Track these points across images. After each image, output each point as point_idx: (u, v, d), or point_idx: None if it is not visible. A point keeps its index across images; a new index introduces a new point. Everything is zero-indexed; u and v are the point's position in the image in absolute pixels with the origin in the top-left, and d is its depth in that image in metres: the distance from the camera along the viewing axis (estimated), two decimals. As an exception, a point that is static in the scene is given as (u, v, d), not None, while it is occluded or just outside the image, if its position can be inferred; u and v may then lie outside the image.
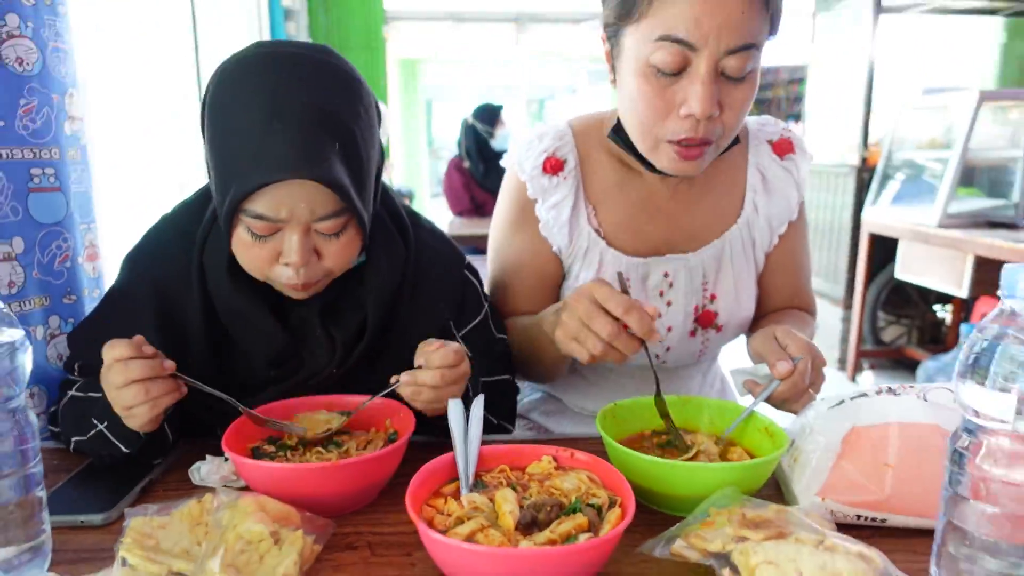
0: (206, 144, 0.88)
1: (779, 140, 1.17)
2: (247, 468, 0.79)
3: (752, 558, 0.61)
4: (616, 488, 0.75)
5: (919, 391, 0.83)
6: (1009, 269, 0.59)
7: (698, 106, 0.91)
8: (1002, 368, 0.57)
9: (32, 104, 1.05)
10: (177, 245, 0.97)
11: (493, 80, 15.76)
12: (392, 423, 0.93)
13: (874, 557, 0.60)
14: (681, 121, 0.95)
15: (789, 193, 1.17)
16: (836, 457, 0.80)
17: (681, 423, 0.95)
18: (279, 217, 0.83)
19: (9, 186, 1.03)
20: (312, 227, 0.86)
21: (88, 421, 0.89)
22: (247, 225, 0.85)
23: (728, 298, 1.16)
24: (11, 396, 0.66)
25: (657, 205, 1.14)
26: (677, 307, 1.15)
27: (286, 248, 0.85)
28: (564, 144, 1.13)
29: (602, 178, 1.14)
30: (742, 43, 0.90)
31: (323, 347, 0.97)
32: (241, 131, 0.82)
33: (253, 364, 0.97)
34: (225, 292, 0.93)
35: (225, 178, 0.84)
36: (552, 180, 1.12)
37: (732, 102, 0.94)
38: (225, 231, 0.87)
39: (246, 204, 0.83)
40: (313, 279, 0.89)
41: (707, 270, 1.15)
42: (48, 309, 1.09)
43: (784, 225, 1.18)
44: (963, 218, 3.39)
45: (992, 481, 0.59)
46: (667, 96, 0.94)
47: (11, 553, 0.66)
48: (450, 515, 0.71)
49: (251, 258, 0.88)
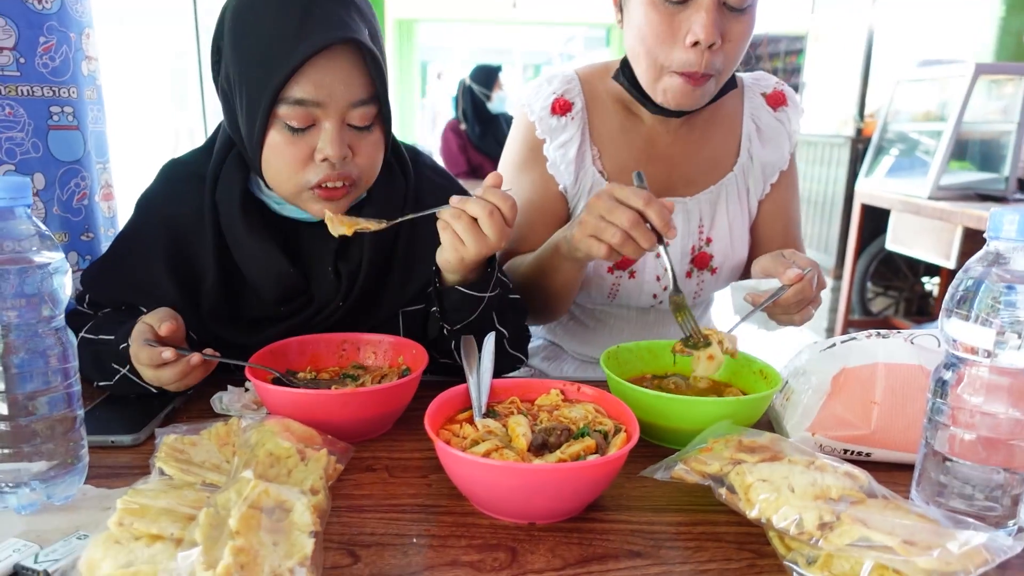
0: (229, 60, 0.90)
1: (772, 93, 1.23)
2: (271, 394, 0.83)
3: (747, 477, 0.66)
4: (621, 417, 0.79)
5: (907, 335, 0.88)
6: (995, 212, 0.63)
7: (702, 32, 0.97)
8: (984, 304, 0.61)
9: (51, 42, 1.07)
10: (189, 186, 1.00)
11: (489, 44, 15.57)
12: (405, 360, 0.98)
13: (859, 475, 0.65)
14: (686, 51, 1.00)
15: (782, 143, 1.22)
16: (826, 396, 0.85)
17: (678, 367, 1.00)
18: (319, 99, 0.87)
19: (30, 123, 1.06)
20: (346, 118, 0.90)
21: (108, 366, 0.93)
22: (283, 120, 0.88)
23: (723, 241, 1.22)
24: (53, 315, 0.70)
25: (658, 150, 1.19)
26: (674, 248, 1.20)
27: (323, 141, 0.89)
28: (571, 88, 1.19)
29: (607, 122, 1.19)
30: None
31: (331, 283, 1.01)
32: (274, 19, 0.86)
33: (263, 300, 1.00)
34: (238, 230, 0.97)
35: (260, 73, 0.87)
36: (560, 120, 1.17)
37: (733, 34, 1.00)
38: (258, 143, 0.90)
39: (286, 92, 0.86)
40: (347, 178, 0.92)
41: (703, 214, 1.21)
42: (67, 245, 1.12)
43: (776, 174, 1.24)
44: (954, 190, 3.44)
45: (969, 410, 0.64)
46: (674, 24, 1.00)
47: (52, 465, 0.71)
48: (465, 438, 0.75)
49: (286, 161, 0.90)
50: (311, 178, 0.91)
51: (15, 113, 1.04)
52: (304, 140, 0.89)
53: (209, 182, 0.98)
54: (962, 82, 3.41)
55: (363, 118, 0.90)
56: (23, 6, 1.02)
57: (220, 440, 0.79)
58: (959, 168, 3.62)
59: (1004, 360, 0.61)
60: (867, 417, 0.83)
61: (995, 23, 5.36)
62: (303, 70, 0.85)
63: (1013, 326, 0.60)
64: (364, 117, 0.91)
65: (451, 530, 0.69)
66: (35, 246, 0.68)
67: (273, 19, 0.86)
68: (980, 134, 3.63)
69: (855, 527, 0.58)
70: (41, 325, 0.69)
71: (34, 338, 0.68)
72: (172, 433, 0.77)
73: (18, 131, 1.05)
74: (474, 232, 0.87)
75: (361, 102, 0.89)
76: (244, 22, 0.88)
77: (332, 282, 1.01)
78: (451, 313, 0.97)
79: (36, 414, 0.69)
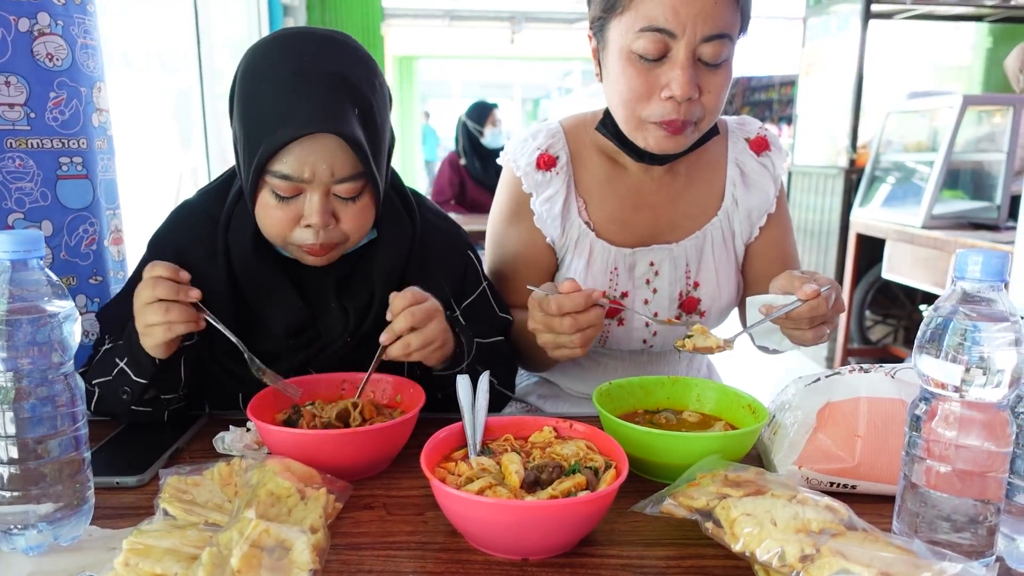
0: (234, 116, 0.96)
1: (756, 138, 1.26)
2: (272, 434, 0.86)
3: (732, 512, 0.69)
4: (611, 454, 0.82)
5: (888, 369, 0.90)
6: (960, 254, 0.66)
7: (678, 88, 1.01)
8: (953, 341, 0.64)
9: (61, 97, 1.12)
10: (201, 226, 1.05)
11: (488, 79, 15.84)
12: (403, 398, 1.00)
13: (839, 508, 0.67)
14: (663, 103, 1.03)
15: (766, 186, 1.25)
16: (812, 429, 0.87)
17: (670, 402, 1.03)
18: (302, 177, 0.91)
19: (39, 173, 1.10)
20: (331, 190, 0.94)
21: (112, 362, 0.97)
22: (272, 187, 0.93)
23: (710, 285, 1.24)
24: (62, 362, 0.73)
25: (643, 198, 1.22)
26: (663, 293, 1.23)
27: (307, 209, 0.94)
28: (556, 142, 1.22)
29: (592, 173, 1.22)
30: (717, 32, 1.00)
31: (338, 318, 1.05)
32: (270, 95, 0.91)
33: (273, 334, 1.04)
34: (250, 266, 1.01)
35: (253, 141, 0.92)
36: (545, 175, 1.20)
37: (710, 86, 1.04)
38: (250, 197, 0.95)
39: (272, 165, 0.91)
40: (331, 242, 0.97)
41: (689, 259, 1.23)
42: (75, 289, 1.16)
43: (763, 217, 1.26)
44: (947, 219, 3.48)
45: (944, 443, 0.67)
46: (650, 79, 1.03)
47: (59, 506, 0.73)
48: (460, 475, 0.78)
49: (274, 221, 0.95)
50: (296, 238, 0.96)
51: (24, 165, 1.08)
52: (291, 206, 0.94)
53: (223, 222, 1.03)
54: (951, 113, 3.47)
55: (348, 191, 0.95)
56: (34, 63, 1.07)
57: (223, 480, 0.81)
58: (952, 197, 3.67)
59: (972, 395, 0.64)
60: (851, 450, 0.85)
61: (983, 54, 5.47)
62: (288, 148, 0.90)
63: (979, 363, 0.63)
64: (349, 191, 0.95)
65: (447, 567, 0.71)
66: (46, 295, 0.71)
67: (267, 94, 0.91)
68: (971, 163, 3.68)
69: (835, 559, 0.60)
70: (51, 371, 0.72)
71: (44, 384, 0.71)
72: (176, 474, 0.79)
73: (27, 181, 1.09)
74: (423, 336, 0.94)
75: (346, 179, 0.94)
76: (246, 88, 0.94)
77: (338, 317, 1.05)
78: (438, 385, 1.02)
79: (45, 457, 0.72)
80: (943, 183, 3.50)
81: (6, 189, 1.06)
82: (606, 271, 1.21)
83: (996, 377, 0.63)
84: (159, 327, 0.89)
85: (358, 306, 1.05)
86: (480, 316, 1.15)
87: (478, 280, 1.17)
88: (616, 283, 1.22)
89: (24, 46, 1.06)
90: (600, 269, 1.21)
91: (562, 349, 0.98)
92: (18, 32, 1.05)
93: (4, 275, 0.70)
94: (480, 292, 1.16)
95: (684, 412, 1.02)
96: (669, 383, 1.05)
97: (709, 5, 0.99)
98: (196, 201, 1.10)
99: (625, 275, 1.22)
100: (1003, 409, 0.66)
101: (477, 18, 9.39)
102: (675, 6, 0.98)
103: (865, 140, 4.42)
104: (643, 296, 1.23)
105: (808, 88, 4.77)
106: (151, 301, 0.88)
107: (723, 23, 1.00)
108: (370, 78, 0.97)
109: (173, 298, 0.89)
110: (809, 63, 4.71)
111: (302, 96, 0.90)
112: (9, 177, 1.07)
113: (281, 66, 0.92)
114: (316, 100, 0.90)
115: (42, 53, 1.08)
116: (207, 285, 1.02)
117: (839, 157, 4.32)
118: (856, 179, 4.21)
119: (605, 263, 1.21)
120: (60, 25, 1.10)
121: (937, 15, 4.48)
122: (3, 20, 1.03)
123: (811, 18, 4.67)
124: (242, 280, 1.03)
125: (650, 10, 1.00)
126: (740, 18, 1.03)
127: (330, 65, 0.92)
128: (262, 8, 4.85)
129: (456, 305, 1.13)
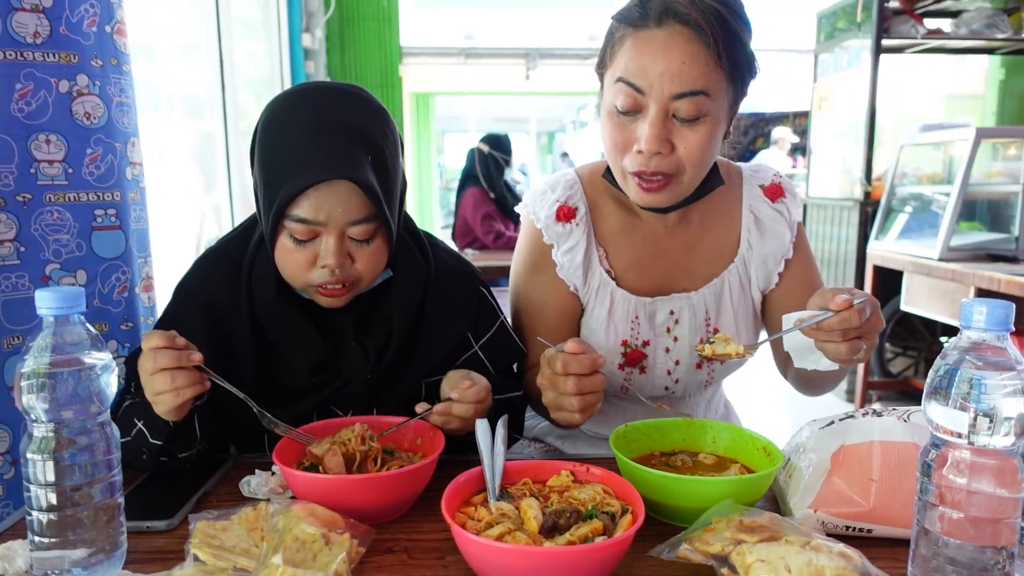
0: (255, 165, 1.02)
1: (770, 185, 1.27)
2: (296, 479, 0.89)
3: (747, 558, 0.70)
4: (628, 498, 0.83)
5: (901, 413, 0.91)
6: (965, 304, 0.68)
7: (645, 144, 1.03)
8: (960, 389, 0.66)
9: (97, 153, 1.17)
10: (224, 272, 1.10)
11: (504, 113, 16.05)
12: (423, 442, 1.03)
13: (853, 555, 0.68)
14: (635, 156, 1.06)
15: (782, 232, 1.25)
16: (827, 473, 0.88)
17: (685, 444, 1.05)
18: (318, 220, 0.96)
19: (75, 225, 1.15)
20: (346, 232, 0.99)
21: (131, 421, 1.00)
22: (290, 231, 0.98)
23: (729, 330, 1.25)
24: (99, 411, 0.76)
25: (659, 246, 1.24)
26: (683, 342, 1.24)
27: (323, 251, 0.98)
28: (574, 193, 1.25)
29: (609, 222, 1.25)
30: (687, 89, 1.01)
31: (357, 356, 1.08)
32: (288, 145, 0.97)
33: (296, 373, 1.08)
34: (272, 308, 1.06)
35: (272, 188, 0.97)
36: (565, 227, 1.23)
37: (687, 142, 1.05)
38: (270, 241, 1.00)
39: (290, 210, 0.96)
40: (346, 280, 1.01)
41: (709, 307, 1.24)
42: (106, 335, 1.20)
43: (780, 263, 1.26)
44: (964, 251, 3.47)
45: (955, 489, 0.68)
46: (625, 133, 1.06)
47: (92, 551, 0.76)
48: (480, 520, 0.80)
49: (292, 263, 1.00)
50: (313, 279, 1.00)
51: (62, 218, 1.13)
52: (308, 248, 0.99)
53: (245, 267, 1.08)
54: (964, 146, 3.48)
55: (362, 233, 1.00)
56: (72, 122, 1.13)
57: (249, 525, 0.84)
58: (969, 229, 3.66)
59: (981, 443, 0.65)
60: (866, 494, 0.86)
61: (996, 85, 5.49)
62: (304, 194, 0.95)
63: (987, 412, 0.64)
64: (363, 233, 1.00)
65: (467, 611, 0.72)
66: (86, 348, 0.75)
67: (286, 144, 0.97)
68: (987, 195, 3.68)
69: (848, 607, 0.61)
70: (89, 421, 0.75)
71: (83, 434, 0.75)
72: (204, 519, 0.82)
73: (64, 233, 1.14)
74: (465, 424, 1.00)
75: (359, 221, 0.98)
76: (266, 138, 1.00)
77: (358, 355, 1.09)
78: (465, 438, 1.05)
79: (82, 505, 0.75)
80: (959, 215, 3.49)
81: (44, 241, 1.11)
82: (627, 319, 1.23)
83: (1004, 425, 0.64)
84: (167, 395, 0.91)
85: (377, 344, 1.09)
86: (499, 352, 1.19)
87: (494, 315, 1.20)
88: (638, 332, 1.23)
89: (63, 106, 1.12)
90: (621, 317, 1.23)
91: (562, 412, 1.00)
92: (59, 93, 1.11)
93: (48, 330, 0.74)
94: (498, 326, 1.20)
95: (700, 454, 1.03)
96: (685, 425, 1.06)
97: (676, 64, 1.00)
98: (219, 248, 1.15)
99: (646, 324, 1.23)
100: (1014, 456, 0.67)
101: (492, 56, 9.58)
102: (643, 64, 1.02)
103: (879, 172, 4.43)
104: (664, 344, 1.24)
105: (821, 122, 4.80)
106: (155, 372, 0.90)
107: (695, 81, 1.01)
108: (382, 127, 1.02)
109: (176, 365, 0.90)
110: (821, 97, 4.75)
111: (318, 145, 0.96)
112: (48, 230, 1.12)
113: (298, 117, 0.98)
114: (331, 148, 0.96)
115: (80, 112, 1.14)
116: (232, 327, 1.07)
117: (854, 189, 4.33)
118: (871, 211, 4.22)
119: (626, 311, 1.23)
120: (98, 85, 1.16)
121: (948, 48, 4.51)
122: (45, 83, 1.09)
123: (822, 53, 4.72)
124: (265, 322, 1.07)
125: (625, 67, 1.04)
126: (728, 71, 1.03)
127: (344, 116, 0.98)
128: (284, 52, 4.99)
129: (474, 341, 1.17)
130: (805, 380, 1.26)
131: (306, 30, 5.20)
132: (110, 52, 1.18)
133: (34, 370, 0.72)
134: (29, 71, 1.08)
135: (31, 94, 1.09)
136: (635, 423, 1.05)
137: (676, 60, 1.01)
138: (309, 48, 5.29)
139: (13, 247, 1.09)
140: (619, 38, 1.06)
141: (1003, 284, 2.95)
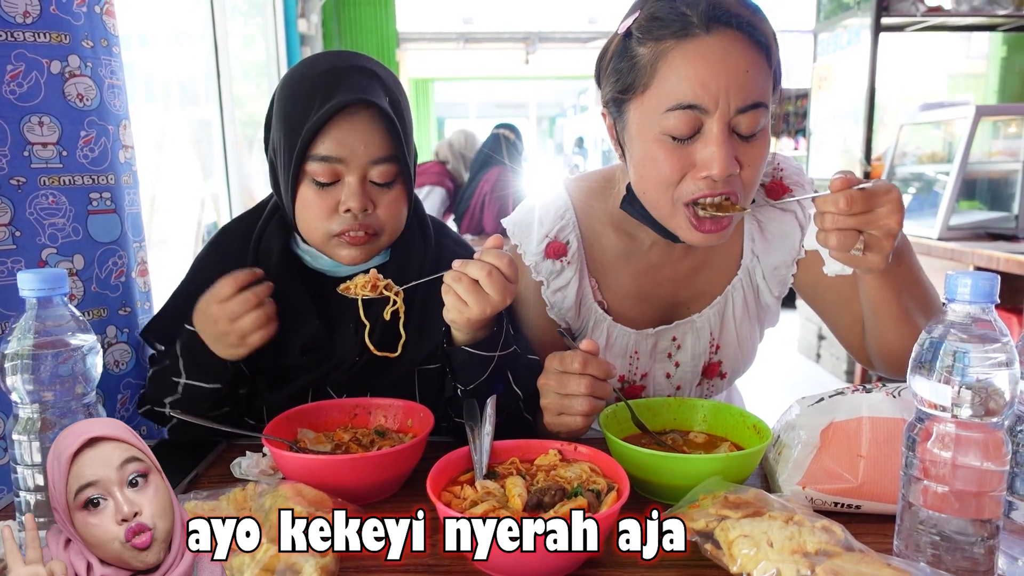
0: (273, 130, 1.05)
1: (770, 184, 1.15)
2: (285, 459, 0.89)
3: (731, 533, 0.70)
4: (614, 476, 0.83)
5: (891, 389, 0.91)
6: (950, 276, 0.67)
7: (717, 167, 0.90)
8: (944, 363, 0.66)
9: (91, 135, 1.16)
10: (236, 244, 1.13)
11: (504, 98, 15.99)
12: (414, 422, 1.03)
13: (835, 529, 0.68)
14: (697, 182, 0.94)
15: (790, 232, 1.14)
16: (816, 450, 0.88)
17: (676, 424, 1.05)
18: (341, 156, 0.98)
19: (71, 209, 1.15)
20: (368, 175, 1.01)
21: (169, 382, 1.04)
22: (312, 176, 1.00)
23: (731, 347, 1.20)
24: (85, 392, 0.76)
25: (662, 273, 1.14)
26: (685, 367, 1.20)
27: (346, 193, 1.00)
28: (566, 224, 1.14)
29: (605, 250, 1.15)
30: (751, 101, 0.90)
31: (351, 338, 1.08)
32: (308, 92, 0.99)
33: (288, 350, 1.08)
34: (277, 280, 1.05)
35: (295, 132, 0.99)
36: (556, 264, 1.13)
37: (748, 160, 0.94)
38: (290, 194, 1.02)
39: (313, 149, 0.98)
40: (368, 228, 1.02)
41: (712, 327, 1.17)
42: (105, 320, 1.20)
43: (792, 268, 1.15)
44: (964, 230, 3.45)
45: (940, 463, 0.67)
46: (683, 158, 0.93)
47: (82, 533, 0.76)
48: (465, 499, 0.80)
49: (313, 214, 1.02)
50: (335, 227, 1.02)
51: (57, 201, 1.13)
52: (330, 194, 1.01)
53: (254, 239, 1.11)
54: (964, 124, 3.46)
55: (383, 175, 1.01)
56: (65, 104, 1.12)
57: (237, 505, 0.84)
58: (969, 208, 3.64)
59: (965, 416, 0.65)
60: (855, 470, 0.86)
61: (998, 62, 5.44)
62: (327, 130, 0.97)
63: (971, 384, 0.64)
64: (384, 174, 1.01)
65: (453, 589, 0.73)
66: (70, 330, 0.75)
67: (306, 93, 0.99)
68: (987, 173, 3.66)
69: (830, 580, 0.61)
70: (74, 402, 0.75)
71: (68, 415, 0.75)
72: (193, 499, 0.82)
73: (59, 217, 1.14)
74: (476, 293, 0.92)
75: (380, 160, 1.00)
76: (285, 99, 1.02)
77: (353, 337, 1.08)
78: (461, 373, 1.02)
79: (69, 485, 0.75)
80: (959, 194, 3.47)
81: (40, 225, 1.11)
82: (625, 355, 1.17)
83: (987, 398, 0.64)
84: (259, 333, 0.98)
85: (372, 325, 1.07)
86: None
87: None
88: (636, 367, 1.18)
89: (56, 88, 1.11)
90: (619, 353, 1.16)
91: (563, 416, 0.95)
92: (50, 74, 1.10)
93: (31, 312, 0.74)
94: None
95: (690, 433, 1.03)
96: (675, 404, 1.06)
97: (741, 74, 0.89)
98: (232, 226, 1.18)
99: (646, 357, 1.18)
100: (998, 429, 0.67)
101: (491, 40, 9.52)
102: (704, 80, 0.89)
103: (880, 152, 4.40)
104: (665, 370, 1.20)
105: (821, 101, 4.77)
106: (243, 312, 0.97)
107: (757, 91, 0.91)
108: (397, 83, 1.07)
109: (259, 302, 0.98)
110: (821, 77, 4.72)
111: (339, 83, 0.98)
112: (43, 214, 1.11)
113: (316, 70, 1.01)
114: (352, 84, 0.99)
115: (72, 94, 1.13)
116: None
117: (854, 169, 4.30)
118: (872, 191, 4.19)
119: (624, 347, 1.16)
120: (89, 67, 1.15)
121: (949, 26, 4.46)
122: (36, 63, 1.08)
123: (821, 32, 4.68)
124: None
125: (676, 87, 0.90)
126: (772, 78, 0.94)
127: (362, 63, 1.03)
128: (280, 38, 4.96)
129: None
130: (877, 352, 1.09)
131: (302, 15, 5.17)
132: (100, 33, 1.17)
133: (16, 351, 0.72)
134: (20, 52, 1.07)
135: (22, 75, 1.08)
136: (624, 403, 1.04)
137: (740, 70, 0.89)
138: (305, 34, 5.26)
139: (8, 232, 1.08)
140: (658, 54, 0.92)
141: (1003, 263, 2.94)
